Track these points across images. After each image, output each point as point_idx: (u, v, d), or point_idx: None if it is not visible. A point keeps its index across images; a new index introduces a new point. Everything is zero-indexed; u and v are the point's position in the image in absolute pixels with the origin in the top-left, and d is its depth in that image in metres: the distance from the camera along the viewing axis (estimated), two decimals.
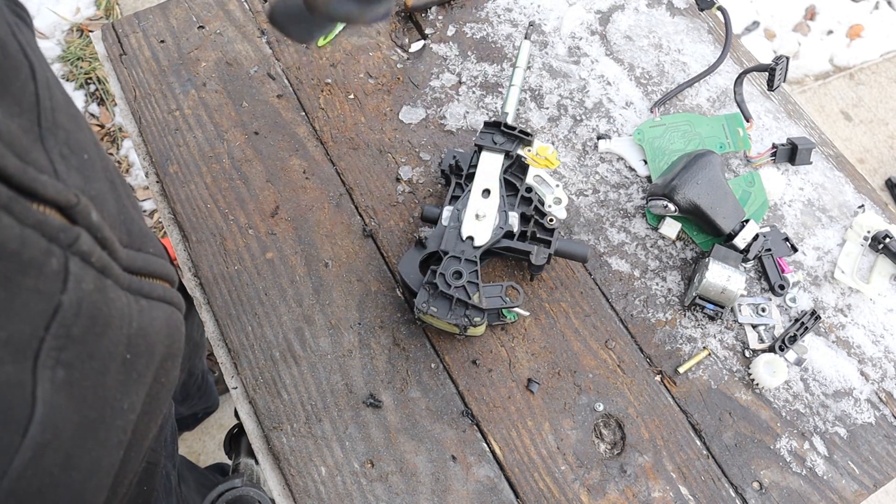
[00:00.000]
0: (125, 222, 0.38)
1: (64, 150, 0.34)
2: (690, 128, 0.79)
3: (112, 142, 1.77)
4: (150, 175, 0.76)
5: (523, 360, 0.67)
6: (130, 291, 0.35)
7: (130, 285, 0.36)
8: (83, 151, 0.36)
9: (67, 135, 0.35)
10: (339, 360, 0.66)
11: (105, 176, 0.38)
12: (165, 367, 0.40)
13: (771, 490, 0.63)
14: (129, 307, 0.34)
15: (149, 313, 0.37)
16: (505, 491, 0.61)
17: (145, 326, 0.36)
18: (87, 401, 0.32)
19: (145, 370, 0.38)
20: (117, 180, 0.41)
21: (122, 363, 0.34)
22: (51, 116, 0.34)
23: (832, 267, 0.73)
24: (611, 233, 0.74)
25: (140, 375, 0.37)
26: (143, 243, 0.40)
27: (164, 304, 0.40)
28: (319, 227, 0.73)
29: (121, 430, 0.36)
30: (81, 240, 0.31)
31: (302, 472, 0.61)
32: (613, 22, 0.88)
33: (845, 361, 0.69)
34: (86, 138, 0.38)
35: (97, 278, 0.32)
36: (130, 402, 0.36)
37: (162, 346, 0.39)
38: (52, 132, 0.33)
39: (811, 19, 2.16)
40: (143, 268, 0.38)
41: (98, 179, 0.37)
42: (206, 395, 1.27)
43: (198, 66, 0.82)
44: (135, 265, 0.37)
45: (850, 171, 0.80)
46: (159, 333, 0.38)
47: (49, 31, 1.89)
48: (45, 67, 0.37)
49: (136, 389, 0.37)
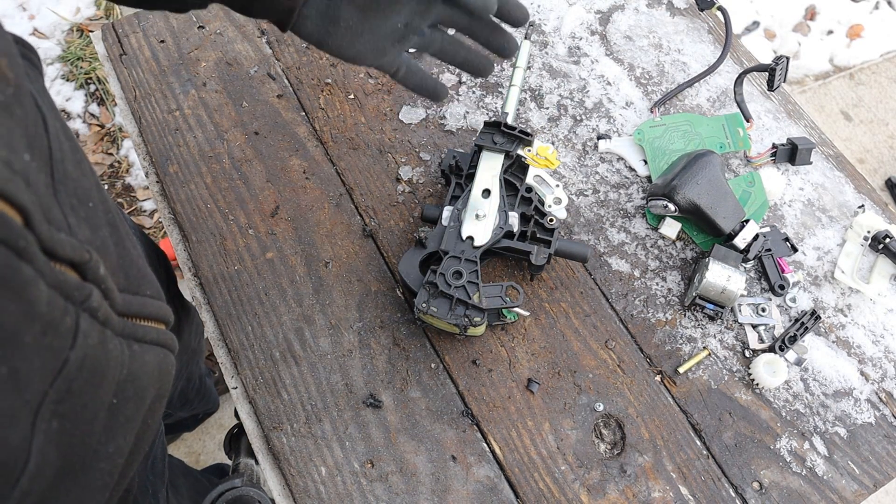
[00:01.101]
0: (124, 266, 0.38)
1: (73, 201, 0.34)
2: (690, 128, 0.79)
3: (112, 142, 1.77)
4: (150, 175, 0.76)
5: (523, 360, 0.67)
6: (124, 337, 0.35)
7: (124, 330, 0.35)
8: (89, 199, 0.36)
9: (75, 184, 0.35)
10: (339, 360, 0.66)
11: (107, 220, 0.38)
12: (153, 409, 0.40)
13: (771, 490, 0.63)
14: (122, 354, 0.35)
15: (141, 358, 0.37)
16: (505, 491, 0.61)
17: (136, 371, 0.36)
18: (74, 447, 0.32)
19: (134, 414, 0.37)
20: (118, 220, 0.41)
21: (109, 408, 0.34)
22: (61, 168, 0.34)
23: (832, 267, 0.73)
24: (611, 233, 0.74)
25: (128, 420, 0.37)
26: (140, 286, 0.40)
27: (156, 347, 0.39)
28: (319, 227, 0.73)
29: (106, 473, 0.36)
30: (93, 297, 0.31)
31: (302, 472, 0.61)
32: (613, 22, 0.88)
33: (845, 361, 0.69)
34: (90, 183, 0.38)
35: (100, 331, 0.32)
36: (117, 446, 0.36)
37: (152, 391, 0.39)
38: (64, 183, 0.33)
39: (811, 19, 2.16)
40: (139, 311, 0.38)
41: (102, 226, 0.37)
42: (206, 397, 1.27)
43: (198, 66, 0.82)
44: (130, 309, 0.37)
45: (850, 171, 0.80)
46: (150, 377, 0.38)
47: (49, 31, 1.89)
48: (55, 115, 0.38)
49: (123, 433, 0.37)
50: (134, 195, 1.71)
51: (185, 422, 1.31)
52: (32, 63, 0.46)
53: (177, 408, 1.13)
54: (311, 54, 0.83)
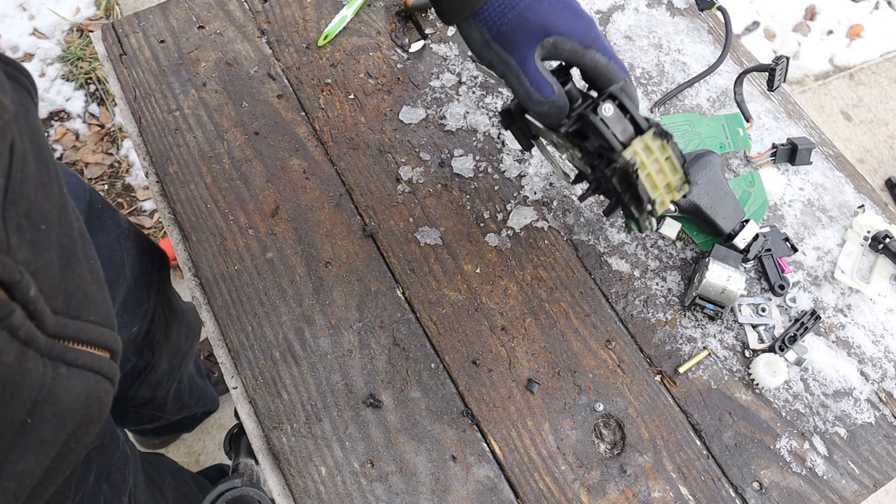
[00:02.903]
0: (66, 290, 0.39)
1: (22, 221, 0.35)
2: (690, 128, 0.79)
3: (112, 142, 1.77)
4: (150, 175, 0.76)
5: (523, 360, 0.67)
6: (50, 358, 0.36)
7: (51, 352, 0.36)
8: (42, 222, 0.37)
9: (30, 205, 0.36)
10: (339, 360, 0.66)
11: (60, 243, 0.39)
12: (78, 433, 0.40)
13: (771, 490, 0.63)
14: (43, 375, 0.35)
15: (66, 381, 0.37)
16: (505, 491, 0.61)
17: (58, 393, 0.36)
18: None
19: (52, 437, 0.37)
20: (77, 246, 0.41)
21: (21, 426, 0.34)
22: (18, 188, 0.35)
23: (832, 267, 0.73)
24: (611, 233, 0.74)
25: (44, 441, 0.37)
26: (83, 311, 0.40)
27: (88, 372, 0.39)
28: (319, 227, 0.73)
29: (9, 493, 0.35)
30: (14, 315, 0.32)
31: (302, 472, 0.61)
32: (613, 22, 0.88)
33: (845, 361, 0.69)
34: (51, 207, 0.39)
35: (19, 350, 0.33)
36: (27, 466, 0.36)
37: (77, 415, 0.39)
38: (16, 204, 0.34)
39: (811, 19, 2.16)
40: (74, 335, 0.38)
41: (50, 249, 0.37)
42: (202, 398, 1.26)
43: (198, 66, 0.82)
44: (64, 332, 0.37)
45: (850, 171, 0.80)
46: (75, 402, 0.38)
47: (49, 31, 1.89)
48: (32, 138, 0.38)
49: (35, 454, 0.36)
50: (134, 195, 1.71)
51: (184, 421, 1.31)
52: (20, 83, 0.46)
53: (173, 412, 1.13)
54: (311, 54, 0.83)
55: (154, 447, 1.42)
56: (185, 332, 1.04)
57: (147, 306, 0.86)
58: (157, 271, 0.90)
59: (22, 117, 0.39)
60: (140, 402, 0.99)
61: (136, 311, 0.82)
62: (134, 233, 0.84)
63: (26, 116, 0.41)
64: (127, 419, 1.09)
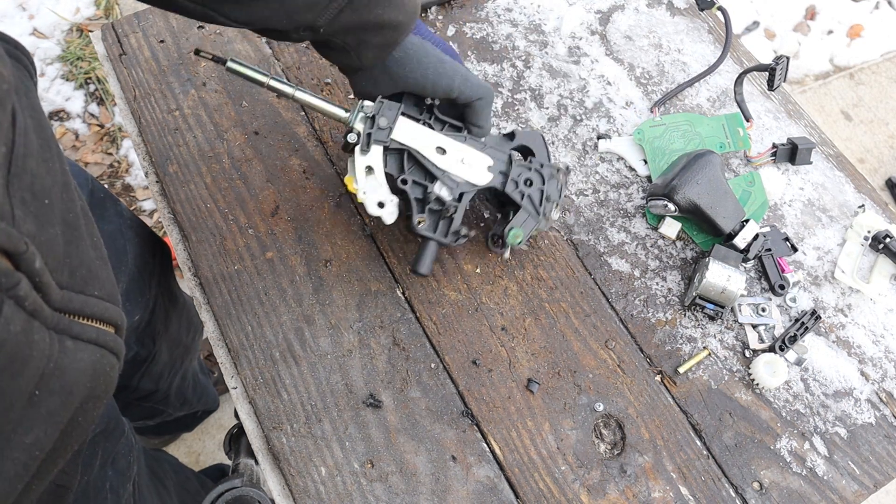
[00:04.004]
0: (71, 264, 0.39)
1: (26, 195, 0.35)
2: (690, 128, 0.79)
3: (112, 142, 1.77)
4: (149, 175, 0.76)
5: (523, 360, 0.67)
6: (56, 331, 0.36)
7: (58, 325, 0.36)
8: (45, 196, 0.37)
9: (33, 179, 0.36)
10: (339, 360, 0.66)
11: (63, 219, 0.39)
12: (85, 407, 0.40)
13: (771, 490, 0.63)
14: (50, 347, 0.35)
15: (73, 354, 0.37)
16: (505, 491, 0.61)
17: (65, 366, 0.36)
18: None
19: (59, 409, 0.38)
20: (80, 222, 0.42)
21: (29, 398, 0.34)
22: (21, 163, 0.35)
23: (832, 267, 0.73)
24: (611, 233, 0.74)
25: (51, 413, 0.37)
26: (87, 286, 0.40)
27: (93, 346, 0.40)
28: (319, 227, 0.73)
29: (20, 464, 0.36)
30: (20, 286, 0.32)
31: (302, 472, 0.61)
32: (613, 22, 0.88)
33: (845, 361, 0.69)
34: (54, 182, 0.39)
35: (26, 321, 0.33)
36: (36, 438, 0.36)
37: (83, 388, 0.39)
38: (19, 177, 0.35)
39: (811, 19, 2.16)
40: (79, 309, 0.39)
41: (54, 224, 0.38)
42: (203, 396, 1.26)
43: (197, 65, 0.81)
44: (69, 306, 0.38)
45: (851, 171, 0.80)
46: (82, 375, 0.38)
47: (49, 31, 1.89)
48: (33, 113, 0.39)
49: (44, 426, 0.37)
50: (134, 195, 1.71)
51: (185, 420, 1.31)
52: (20, 61, 0.47)
53: (176, 407, 1.13)
54: (310, 54, 0.83)
55: (154, 447, 1.42)
56: (186, 325, 1.04)
57: (149, 295, 0.86)
58: (158, 262, 0.90)
59: (22, 93, 0.40)
60: (142, 394, 0.99)
61: (137, 300, 0.83)
62: (136, 223, 0.85)
63: (27, 93, 0.41)
64: (129, 412, 1.09)
